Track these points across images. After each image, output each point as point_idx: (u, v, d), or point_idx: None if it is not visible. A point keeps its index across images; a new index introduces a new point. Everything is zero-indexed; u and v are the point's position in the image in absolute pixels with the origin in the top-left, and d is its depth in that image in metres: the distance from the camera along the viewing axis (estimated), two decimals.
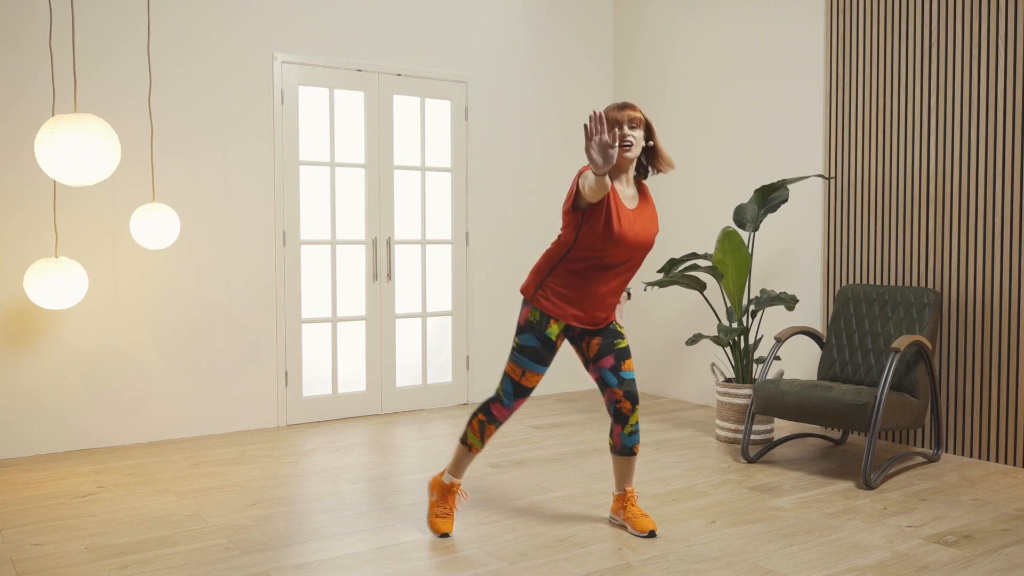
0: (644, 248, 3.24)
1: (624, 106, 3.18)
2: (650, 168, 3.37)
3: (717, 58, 5.88)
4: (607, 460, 4.55)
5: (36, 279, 3.83)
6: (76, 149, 3.23)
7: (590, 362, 3.38)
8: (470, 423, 3.41)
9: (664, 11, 6.25)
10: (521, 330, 3.30)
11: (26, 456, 4.67)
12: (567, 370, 6.56)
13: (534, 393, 6.43)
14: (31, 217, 4.67)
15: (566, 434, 5.15)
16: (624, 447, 3.40)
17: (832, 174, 5.17)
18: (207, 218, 5.13)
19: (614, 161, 2.83)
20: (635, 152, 3.19)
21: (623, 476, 3.46)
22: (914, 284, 4.78)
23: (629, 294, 3.56)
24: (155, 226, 4.46)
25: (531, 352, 3.27)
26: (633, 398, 3.36)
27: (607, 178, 2.93)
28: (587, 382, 6.67)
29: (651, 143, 3.28)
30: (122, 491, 4.02)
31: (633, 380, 3.36)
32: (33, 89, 4.65)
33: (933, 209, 4.69)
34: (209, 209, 5.14)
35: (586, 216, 3.15)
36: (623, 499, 3.48)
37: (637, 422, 3.39)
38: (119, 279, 4.90)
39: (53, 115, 3.43)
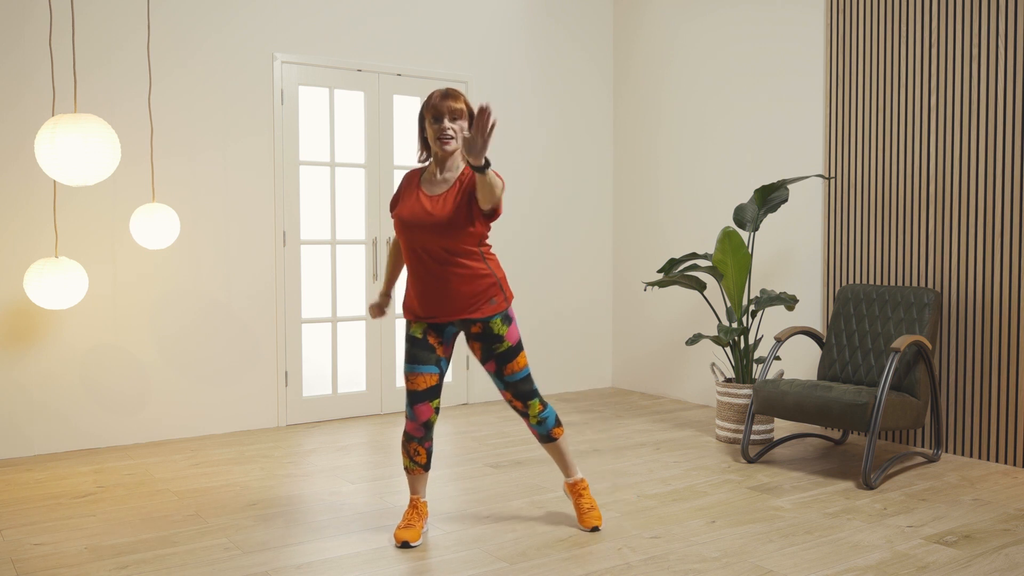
0: (429, 228, 3.14)
1: (447, 95, 3.14)
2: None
3: (717, 58, 5.88)
4: (607, 460, 4.55)
5: (36, 279, 3.83)
6: (76, 149, 3.23)
7: (481, 364, 3.37)
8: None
9: (664, 11, 6.25)
10: None
11: (26, 456, 4.67)
12: (567, 370, 6.57)
13: None
14: (31, 217, 4.67)
15: (566, 434, 5.15)
16: (541, 435, 3.44)
17: (832, 174, 5.17)
18: (207, 218, 5.13)
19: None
20: (456, 144, 3.17)
21: (560, 463, 3.50)
22: (914, 284, 4.78)
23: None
24: (155, 226, 4.46)
25: (406, 353, 3.31)
26: (524, 396, 3.34)
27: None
28: (587, 382, 6.67)
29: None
30: (122, 491, 4.02)
31: (518, 381, 3.31)
32: (33, 89, 4.65)
33: (933, 209, 4.69)
34: (209, 209, 5.14)
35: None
36: (573, 488, 3.52)
37: (540, 411, 3.37)
38: (119, 279, 4.90)
39: (53, 115, 3.43)
